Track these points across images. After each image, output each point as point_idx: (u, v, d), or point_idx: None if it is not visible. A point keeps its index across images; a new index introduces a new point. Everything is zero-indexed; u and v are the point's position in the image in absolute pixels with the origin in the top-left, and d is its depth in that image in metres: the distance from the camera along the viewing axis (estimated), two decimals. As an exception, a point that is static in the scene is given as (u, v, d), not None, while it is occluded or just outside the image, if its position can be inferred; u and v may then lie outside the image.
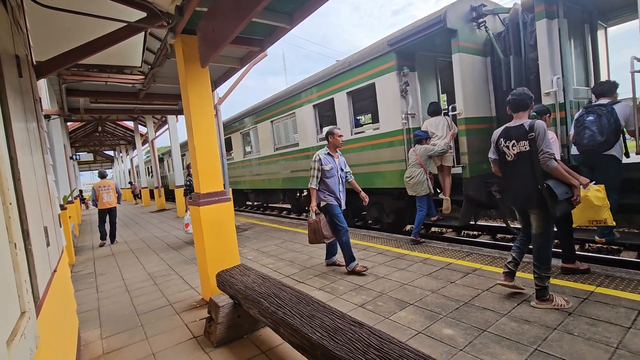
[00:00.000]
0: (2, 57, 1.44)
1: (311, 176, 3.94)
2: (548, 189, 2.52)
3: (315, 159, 3.93)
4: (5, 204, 1.03)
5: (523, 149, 2.63)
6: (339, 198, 4.01)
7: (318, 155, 3.95)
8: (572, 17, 4.55)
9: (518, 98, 2.71)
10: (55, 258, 2.20)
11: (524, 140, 2.61)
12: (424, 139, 5.14)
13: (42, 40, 3.61)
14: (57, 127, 7.50)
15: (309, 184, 3.97)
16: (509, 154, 2.74)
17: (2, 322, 0.83)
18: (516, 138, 2.66)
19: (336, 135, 4.02)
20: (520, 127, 2.65)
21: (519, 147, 2.65)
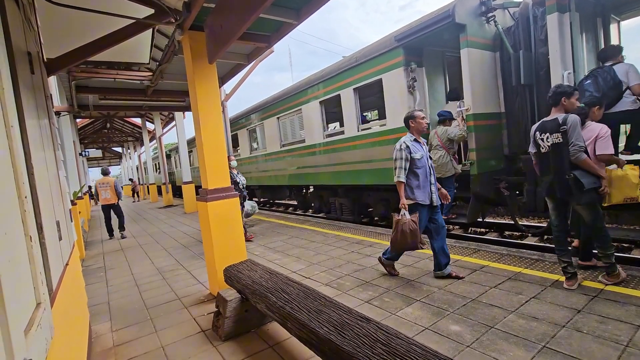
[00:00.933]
0: (15, 53, 1.47)
1: (397, 168, 3.30)
2: (575, 179, 2.71)
3: (401, 147, 3.32)
4: (20, 198, 1.05)
5: (556, 140, 2.81)
6: (431, 193, 3.35)
7: (404, 142, 3.34)
8: (584, 11, 4.46)
9: (552, 94, 2.92)
10: (67, 252, 2.24)
11: (557, 133, 2.79)
12: (447, 120, 5.20)
13: (52, 37, 3.66)
14: (66, 123, 7.61)
15: (396, 177, 3.30)
16: (543, 146, 2.93)
17: (20, 312, 0.85)
18: (550, 130, 2.85)
19: (418, 119, 3.43)
20: (554, 120, 2.83)
21: (552, 139, 2.83)
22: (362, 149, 6.50)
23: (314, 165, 7.99)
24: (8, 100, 1.06)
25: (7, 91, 1.07)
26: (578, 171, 2.73)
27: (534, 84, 4.68)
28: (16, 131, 1.12)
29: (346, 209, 7.58)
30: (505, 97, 5.19)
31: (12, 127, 1.05)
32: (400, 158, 3.29)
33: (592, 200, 2.79)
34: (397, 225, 3.21)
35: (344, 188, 7.50)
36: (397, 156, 3.32)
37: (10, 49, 1.32)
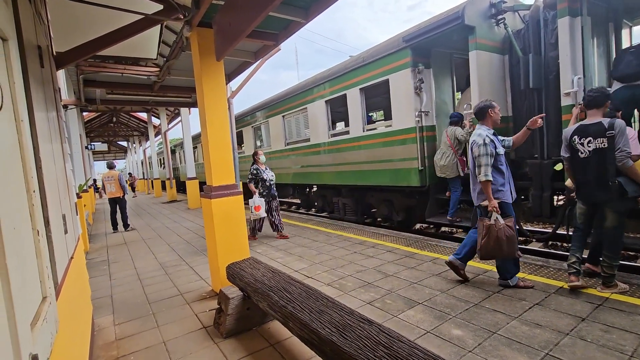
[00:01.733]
0: (26, 47, 1.47)
1: (482, 165, 2.92)
2: (619, 186, 2.65)
3: (484, 141, 2.93)
4: (29, 192, 1.06)
5: (600, 145, 2.70)
6: (512, 192, 3.09)
7: (486, 136, 2.96)
8: (596, 15, 4.40)
9: (593, 95, 2.78)
10: (72, 245, 2.25)
11: (602, 138, 2.68)
12: (459, 121, 5.33)
13: (61, 31, 3.68)
14: (73, 116, 7.67)
15: (482, 176, 2.92)
16: (583, 151, 2.81)
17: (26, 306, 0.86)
18: (593, 135, 2.73)
19: (497, 109, 3.16)
20: (599, 125, 2.71)
21: (595, 143, 2.72)
22: (367, 150, 6.49)
23: (318, 165, 7.98)
24: (19, 94, 1.06)
25: (18, 85, 1.08)
26: (623, 178, 2.67)
27: (543, 88, 4.64)
28: (26, 125, 1.12)
29: (349, 209, 7.57)
30: (513, 101, 5.14)
31: (22, 122, 1.06)
32: (485, 154, 2.92)
33: (627, 207, 2.76)
34: (490, 231, 2.90)
35: (348, 188, 7.49)
36: (481, 152, 2.93)
37: (21, 43, 1.33)
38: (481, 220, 3.01)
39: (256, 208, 5.55)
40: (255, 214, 5.53)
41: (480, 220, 3.02)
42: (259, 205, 5.58)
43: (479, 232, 3.01)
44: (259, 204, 5.58)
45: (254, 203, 5.55)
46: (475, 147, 2.98)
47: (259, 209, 5.57)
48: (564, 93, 4.09)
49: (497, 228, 2.89)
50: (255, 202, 5.55)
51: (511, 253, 2.93)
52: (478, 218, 3.08)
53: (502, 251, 2.91)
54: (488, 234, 2.91)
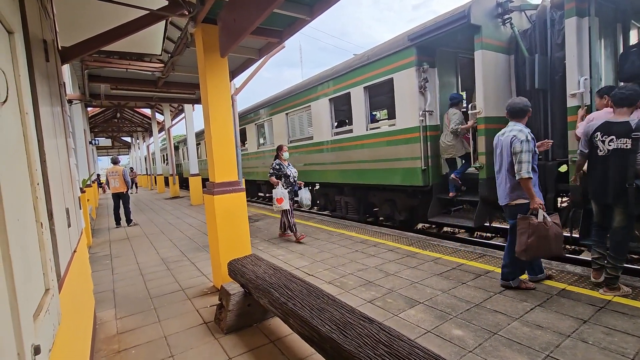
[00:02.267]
0: (32, 41, 1.48)
1: (524, 162, 2.78)
2: (637, 189, 2.60)
3: (527, 138, 2.82)
4: (33, 185, 1.06)
5: (623, 146, 2.63)
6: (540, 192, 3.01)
7: (528, 133, 2.86)
8: (604, 16, 4.35)
9: (626, 93, 2.68)
10: (75, 239, 2.27)
11: (626, 138, 2.60)
12: (459, 102, 5.48)
13: (67, 25, 3.69)
14: (78, 111, 7.70)
15: (524, 172, 2.78)
16: (602, 149, 2.75)
17: (29, 297, 0.86)
18: (617, 134, 2.65)
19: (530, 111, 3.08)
20: (625, 124, 2.63)
21: (617, 143, 2.65)
22: (370, 148, 6.47)
23: (321, 163, 7.98)
24: (24, 87, 1.07)
25: (24, 78, 1.08)
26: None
27: (549, 88, 4.60)
28: (31, 118, 1.13)
29: (352, 207, 7.56)
30: (518, 101, 5.10)
31: (27, 114, 1.06)
32: (527, 150, 2.79)
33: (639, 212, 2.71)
34: (538, 229, 2.75)
35: (350, 186, 7.48)
36: (523, 148, 2.79)
37: (27, 37, 1.33)
38: (525, 219, 2.82)
39: (278, 200, 5.24)
40: (277, 206, 5.24)
41: (525, 219, 2.82)
42: (282, 197, 5.25)
43: (523, 231, 2.81)
44: (282, 196, 5.25)
45: (276, 195, 5.24)
46: (518, 143, 2.82)
47: (282, 202, 5.24)
48: (569, 94, 4.06)
49: (547, 227, 2.76)
50: (277, 194, 5.25)
51: (558, 251, 2.85)
52: (518, 216, 2.90)
53: (550, 250, 2.79)
54: (535, 233, 2.75)
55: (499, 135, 3.08)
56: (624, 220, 2.75)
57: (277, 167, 5.46)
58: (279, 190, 5.29)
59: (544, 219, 2.79)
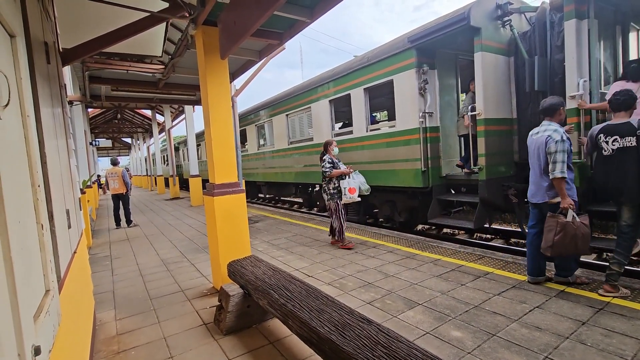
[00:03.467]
0: (33, 43, 1.49)
1: (558, 162, 2.84)
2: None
3: (562, 137, 2.87)
4: (34, 186, 1.07)
5: (628, 144, 2.75)
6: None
7: (563, 133, 2.92)
8: (604, 18, 4.37)
9: (621, 99, 2.85)
10: (75, 240, 2.28)
11: (631, 136, 2.73)
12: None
13: (68, 27, 3.71)
14: (78, 112, 7.72)
15: (557, 172, 2.84)
16: (607, 149, 2.86)
17: (30, 298, 0.87)
18: (620, 134, 2.78)
19: (563, 109, 3.14)
20: (628, 124, 2.77)
21: (622, 142, 2.77)
22: (370, 150, 6.48)
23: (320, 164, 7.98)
24: (25, 90, 1.08)
25: (25, 81, 1.09)
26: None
27: (548, 90, 4.61)
28: (32, 120, 1.14)
29: (351, 209, 7.56)
30: (518, 103, 5.12)
31: (28, 117, 1.07)
32: (562, 150, 2.85)
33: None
34: (566, 228, 2.82)
35: (350, 188, 7.48)
36: (558, 148, 2.85)
37: (28, 39, 1.34)
38: (554, 217, 2.92)
39: (351, 190, 4.75)
40: (349, 196, 4.74)
41: (554, 217, 2.92)
42: (354, 187, 4.76)
43: (550, 229, 2.90)
44: (354, 186, 4.76)
45: (349, 184, 4.76)
46: (553, 143, 2.88)
47: (354, 192, 4.75)
48: (569, 96, 4.07)
49: (575, 226, 2.83)
50: (349, 184, 4.76)
51: (584, 250, 2.93)
52: (548, 214, 2.97)
53: (576, 249, 2.86)
54: (563, 231, 2.83)
55: (531, 134, 3.17)
56: (633, 218, 2.80)
57: (330, 162, 4.95)
58: (351, 180, 4.82)
59: (572, 218, 2.85)
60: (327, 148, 5.08)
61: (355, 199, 4.83)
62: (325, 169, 4.92)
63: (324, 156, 5.05)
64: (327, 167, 4.92)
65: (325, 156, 5.03)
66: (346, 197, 4.79)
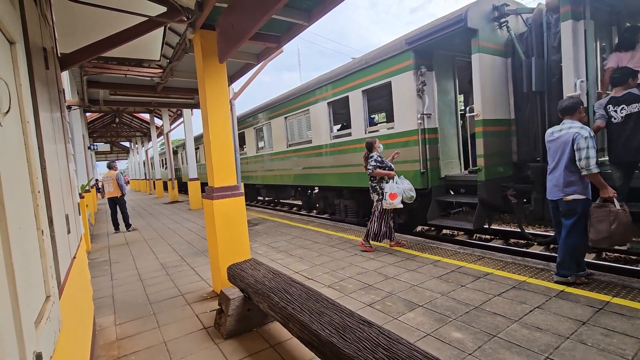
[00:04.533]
0: (32, 49, 1.49)
1: (590, 157, 2.89)
2: None
3: (590, 134, 2.96)
4: (34, 192, 1.07)
5: (634, 110, 3.27)
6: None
7: (590, 131, 3.01)
8: (599, 19, 4.40)
9: (617, 77, 3.42)
10: (74, 245, 2.27)
11: (636, 103, 3.26)
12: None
13: (66, 32, 3.71)
14: (76, 117, 7.72)
15: (592, 168, 2.89)
16: (616, 117, 3.36)
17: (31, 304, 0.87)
18: (626, 102, 3.30)
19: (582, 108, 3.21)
20: (629, 94, 3.30)
21: (629, 109, 3.29)
22: (368, 152, 6.48)
23: (320, 166, 8.00)
24: (25, 96, 1.08)
25: (25, 87, 1.10)
26: None
27: (545, 91, 4.64)
28: (32, 127, 1.14)
29: (351, 211, 7.57)
30: (516, 104, 5.14)
31: (28, 123, 1.07)
32: (592, 147, 2.92)
33: None
34: (619, 216, 2.84)
35: (350, 190, 7.49)
36: (589, 144, 2.92)
37: (27, 45, 1.35)
38: (601, 206, 2.93)
39: (392, 196, 4.46)
40: (389, 202, 4.46)
41: (601, 207, 2.93)
42: (396, 192, 4.47)
43: (601, 219, 2.90)
44: (397, 191, 4.48)
45: (391, 190, 4.48)
46: (582, 140, 2.93)
47: (395, 197, 4.45)
48: (566, 96, 4.08)
49: (627, 214, 2.87)
50: (392, 189, 4.48)
51: (629, 239, 3.16)
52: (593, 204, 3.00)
53: (627, 237, 2.92)
54: (617, 220, 2.83)
55: (553, 132, 3.24)
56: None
57: (379, 159, 4.68)
58: (394, 184, 4.54)
59: (622, 206, 2.89)
60: (371, 147, 4.81)
61: (396, 206, 4.48)
62: (369, 167, 4.65)
63: (370, 154, 4.78)
64: (372, 164, 4.63)
65: (373, 154, 4.74)
66: (386, 202, 4.51)
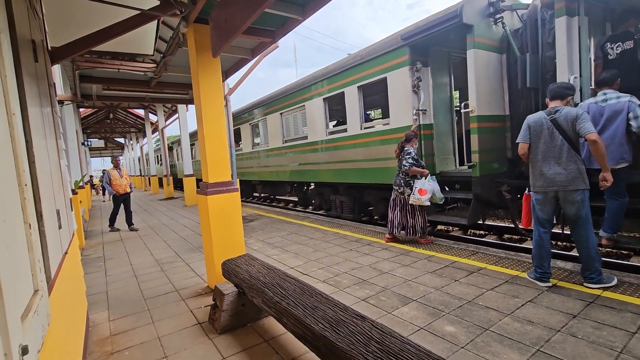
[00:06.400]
0: (19, 40, 1.47)
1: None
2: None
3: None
4: (20, 186, 1.05)
5: (627, 47, 3.70)
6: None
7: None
8: (593, 15, 4.42)
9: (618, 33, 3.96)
10: (66, 240, 2.25)
11: (629, 40, 3.69)
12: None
13: (57, 25, 3.66)
14: (69, 112, 7.62)
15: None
16: (612, 53, 3.80)
17: (17, 298, 0.86)
18: (622, 39, 3.76)
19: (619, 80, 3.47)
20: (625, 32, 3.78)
21: (623, 46, 3.74)
22: (364, 148, 6.49)
23: (315, 162, 7.99)
24: (10, 87, 1.06)
25: (10, 78, 1.08)
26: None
27: (540, 87, 4.66)
28: (18, 119, 1.12)
29: (347, 207, 7.58)
30: (511, 100, 5.16)
31: (13, 115, 1.06)
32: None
33: None
34: None
35: (345, 186, 7.50)
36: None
37: (14, 36, 1.32)
38: None
39: (421, 192, 4.39)
40: (417, 197, 4.40)
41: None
42: (427, 189, 4.41)
43: None
44: (427, 189, 4.42)
45: (422, 186, 4.43)
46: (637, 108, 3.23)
47: (424, 194, 4.39)
48: None
49: None
50: (423, 185, 4.43)
51: None
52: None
53: None
54: None
55: (598, 103, 3.46)
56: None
57: (415, 157, 4.65)
58: (425, 180, 4.49)
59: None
60: (410, 140, 4.70)
61: (423, 203, 4.44)
62: (406, 164, 4.56)
63: (405, 147, 4.68)
64: (409, 162, 4.56)
65: (410, 149, 4.66)
66: (414, 196, 4.45)
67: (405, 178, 4.67)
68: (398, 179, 4.74)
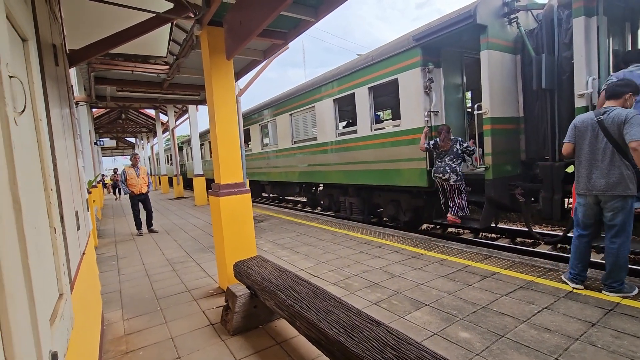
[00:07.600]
0: (43, 46, 1.49)
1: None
2: None
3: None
4: (47, 190, 1.07)
5: None
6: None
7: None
8: (613, 15, 4.31)
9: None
10: (84, 241, 2.29)
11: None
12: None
13: (74, 29, 3.72)
14: (83, 113, 7.76)
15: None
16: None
17: (45, 303, 0.87)
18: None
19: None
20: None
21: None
22: (374, 149, 6.46)
23: (325, 164, 7.98)
24: (37, 94, 1.08)
25: (37, 85, 1.09)
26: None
27: (556, 88, 4.57)
28: (44, 124, 1.14)
29: (356, 208, 7.56)
30: (525, 102, 5.07)
31: (40, 121, 1.07)
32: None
33: None
34: None
35: (355, 187, 7.48)
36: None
37: (38, 42, 1.35)
38: None
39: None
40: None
41: None
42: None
43: None
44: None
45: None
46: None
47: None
48: (577, 94, 4.02)
49: None
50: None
51: None
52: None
53: None
54: None
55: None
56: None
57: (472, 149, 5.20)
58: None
59: None
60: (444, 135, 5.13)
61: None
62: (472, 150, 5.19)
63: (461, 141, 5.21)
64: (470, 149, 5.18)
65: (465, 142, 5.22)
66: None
67: (451, 165, 5.08)
68: (441, 167, 5.14)
